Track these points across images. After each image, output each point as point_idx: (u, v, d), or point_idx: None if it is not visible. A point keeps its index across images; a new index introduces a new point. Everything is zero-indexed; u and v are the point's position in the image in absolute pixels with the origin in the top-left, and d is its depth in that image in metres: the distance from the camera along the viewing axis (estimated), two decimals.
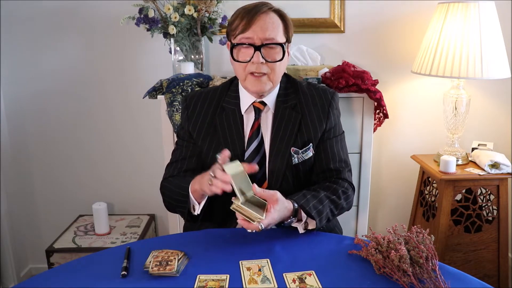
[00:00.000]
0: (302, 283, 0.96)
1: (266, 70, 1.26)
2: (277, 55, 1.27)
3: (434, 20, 1.92)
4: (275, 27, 1.26)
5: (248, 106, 1.34)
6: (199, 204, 1.24)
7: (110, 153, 2.29)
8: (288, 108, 1.34)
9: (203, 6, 1.87)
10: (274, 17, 1.27)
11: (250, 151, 1.32)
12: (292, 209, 1.16)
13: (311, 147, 1.34)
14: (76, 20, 2.12)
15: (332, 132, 1.37)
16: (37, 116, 2.23)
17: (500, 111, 2.25)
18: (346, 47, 2.17)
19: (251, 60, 1.25)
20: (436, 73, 1.86)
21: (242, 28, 1.24)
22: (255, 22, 1.23)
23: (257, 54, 1.24)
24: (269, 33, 1.24)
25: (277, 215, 1.11)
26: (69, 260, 1.74)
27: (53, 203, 2.34)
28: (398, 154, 2.30)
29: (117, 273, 1.00)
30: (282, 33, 1.28)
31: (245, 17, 1.24)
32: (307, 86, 1.40)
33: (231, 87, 1.39)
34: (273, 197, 1.12)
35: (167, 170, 1.41)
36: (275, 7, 1.29)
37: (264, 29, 1.24)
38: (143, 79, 2.15)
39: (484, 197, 2.01)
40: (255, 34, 1.24)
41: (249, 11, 1.25)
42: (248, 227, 1.07)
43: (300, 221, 1.19)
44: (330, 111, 1.35)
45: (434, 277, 0.95)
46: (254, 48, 1.24)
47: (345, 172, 1.37)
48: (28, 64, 2.16)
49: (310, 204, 1.19)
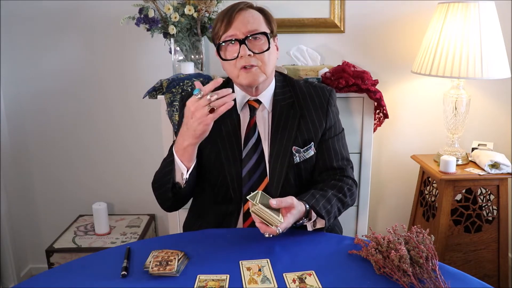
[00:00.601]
0: (302, 283, 0.96)
1: (255, 62, 1.26)
2: (264, 46, 1.27)
3: (434, 20, 1.92)
4: (256, 20, 1.27)
5: (242, 104, 1.35)
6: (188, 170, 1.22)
7: (110, 153, 2.29)
8: (286, 106, 1.34)
9: (203, 6, 1.87)
10: (253, 12, 1.28)
11: (247, 149, 1.32)
12: (304, 211, 1.17)
13: (313, 145, 1.34)
14: (76, 20, 2.12)
15: (333, 131, 1.37)
16: (37, 116, 2.23)
17: (500, 111, 2.25)
18: (346, 47, 2.17)
19: (239, 55, 1.25)
20: (436, 73, 1.86)
21: (224, 29, 1.26)
22: (235, 19, 1.25)
23: (243, 47, 1.24)
24: (251, 25, 1.25)
25: (292, 219, 1.12)
26: (69, 260, 1.74)
27: (53, 203, 2.34)
28: (398, 154, 2.30)
29: (117, 273, 1.00)
30: (264, 24, 1.29)
31: (225, 18, 1.26)
32: (304, 84, 1.40)
33: (227, 87, 1.38)
34: (291, 205, 1.13)
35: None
36: (252, 4, 1.30)
37: (245, 23, 1.25)
38: (143, 79, 2.15)
39: (484, 197, 2.01)
40: (237, 30, 1.24)
41: (227, 11, 1.27)
42: (266, 230, 1.08)
43: (310, 220, 1.21)
44: (328, 108, 1.36)
45: (434, 277, 0.95)
46: (239, 42, 1.24)
47: (348, 169, 1.38)
48: (28, 64, 2.16)
49: (320, 204, 1.20)
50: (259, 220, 1.08)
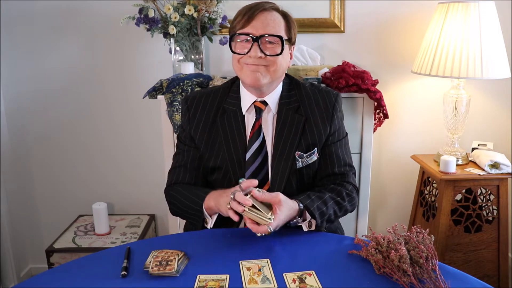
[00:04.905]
0: (302, 283, 0.96)
1: (264, 63, 1.24)
2: (277, 49, 1.24)
3: (434, 20, 1.92)
4: (276, 24, 1.24)
5: (249, 105, 1.33)
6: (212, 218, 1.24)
7: (110, 153, 2.29)
8: (291, 110, 1.33)
9: (203, 6, 1.87)
10: (276, 15, 1.25)
11: (251, 152, 1.31)
12: (297, 209, 1.17)
13: (316, 151, 1.33)
14: (76, 20, 2.12)
15: (336, 136, 1.36)
16: (37, 116, 2.23)
17: (500, 111, 2.25)
18: (346, 47, 2.17)
19: (248, 53, 1.23)
20: (436, 73, 1.86)
21: (242, 24, 1.23)
22: (256, 18, 1.22)
23: (255, 47, 1.22)
24: (270, 28, 1.22)
25: (283, 216, 1.11)
26: (69, 260, 1.74)
27: (53, 203, 2.34)
28: (398, 154, 2.30)
29: (117, 273, 1.00)
30: (284, 30, 1.26)
31: (246, 14, 1.23)
32: (310, 87, 1.38)
33: (232, 88, 1.37)
34: (275, 198, 1.12)
35: (170, 176, 1.40)
36: (278, 7, 1.27)
37: (265, 25, 1.22)
38: (143, 79, 2.15)
39: (484, 197, 2.01)
40: (254, 30, 1.22)
41: (251, 8, 1.24)
42: (257, 230, 1.07)
43: (305, 220, 1.20)
44: (334, 113, 1.34)
45: (434, 277, 0.95)
46: (252, 40, 1.21)
47: (350, 175, 1.37)
48: (28, 64, 2.16)
49: (314, 205, 1.20)
50: (250, 221, 1.08)
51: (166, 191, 1.38)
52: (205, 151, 1.34)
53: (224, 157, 1.31)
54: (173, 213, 1.37)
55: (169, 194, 1.36)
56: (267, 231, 1.07)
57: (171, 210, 1.37)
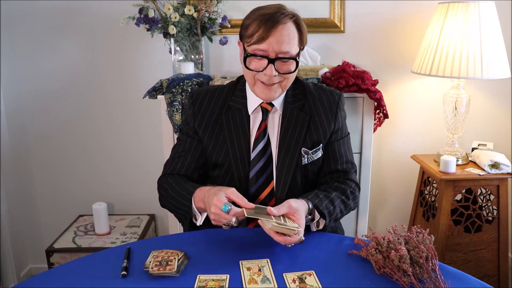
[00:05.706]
0: (302, 283, 0.96)
1: (277, 79, 1.26)
2: (291, 67, 1.26)
3: (434, 20, 1.92)
4: (291, 39, 1.24)
5: (255, 107, 1.34)
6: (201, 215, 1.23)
7: (110, 153, 2.29)
8: (296, 109, 1.34)
9: (203, 6, 1.87)
10: (291, 28, 1.24)
11: (256, 152, 1.32)
12: (307, 208, 1.17)
13: (321, 147, 1.34)
14: (76, 20, 2.12)
15: (340, 134, 1.38)
16: (37, 116, 2.23)
17: (500, 111, 2.25)
18: (346, 47, 2.17)
19: (264, 71, 1.24)
20: (436, 73, 1.86)
21: (258, 39, 1.22)
22: (272, 34, 1.21)
23: (270, 67, 1.23)
24: (285, 46, 1.22)
25: (303, 220, 1.12)
26: (69, 260, 1.74)
27: (53, 203, 2.34)
28: (398, 154, 2.31)
29: (117, 273, 1.00)
30: (297, 44, 1.26)
31: (262, 27, 1.21)
32: (314, 87, 1.40)
33: (238, 86, 1.38)
34: (290, 208, 1.11)
35: (167, 165, 1.39)
36: (292, 14, 1.26)
37: (280, 42, 1.21)
38: (143, 79, 2.15)
39: (484, 197, 2.01)
40: (270, 47, 1.21)
41: (267, 20, 1.21)
42: (290, 241, 1.06)
43: (313, 220, 1.21)
44: (337, 112, 1.36)
45: (434, 277, 0.95)
46: (268, 61, 1.22)
47: (352, 172, 1.39)
48: (28, 64, 2.16)
49: (323, 204, 1.21)
50: (278, 235, 1.06)
51: (159, 181, 1.38)
52: (209, 144, 1.34)
53: (227, 153, 1.32)
54: (161, 203, 1.37)
55: (161, 186, 1.36)
56: (300, 240, 1.07)
57: (160, 201, 1.37)
